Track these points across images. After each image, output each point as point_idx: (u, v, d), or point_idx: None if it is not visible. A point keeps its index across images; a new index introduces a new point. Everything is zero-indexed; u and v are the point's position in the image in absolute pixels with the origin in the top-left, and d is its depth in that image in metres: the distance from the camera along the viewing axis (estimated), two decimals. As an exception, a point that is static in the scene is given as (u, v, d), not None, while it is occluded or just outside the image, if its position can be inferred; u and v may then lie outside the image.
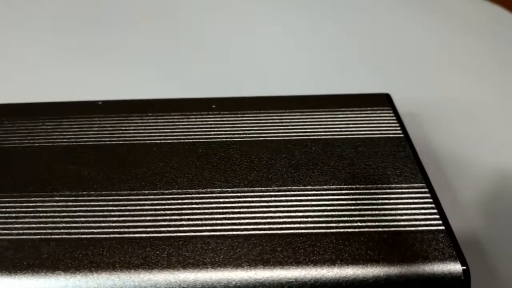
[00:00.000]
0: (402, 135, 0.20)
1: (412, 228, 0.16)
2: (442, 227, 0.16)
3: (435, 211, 0.16)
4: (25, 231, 0.16)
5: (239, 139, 0.20)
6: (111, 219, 0.16)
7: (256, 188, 0.17)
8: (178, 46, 0.31)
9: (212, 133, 0.20)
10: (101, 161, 0.19)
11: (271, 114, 0.21)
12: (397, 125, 0.20)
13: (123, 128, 0.21)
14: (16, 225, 0.16)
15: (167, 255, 0.15)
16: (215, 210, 0.17)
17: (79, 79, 0.28)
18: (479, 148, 0.22)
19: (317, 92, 0.22)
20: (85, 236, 0.16)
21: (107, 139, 0.20)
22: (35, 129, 0.21)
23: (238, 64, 0.29)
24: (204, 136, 0.20)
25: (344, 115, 0.21)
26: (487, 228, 0.19)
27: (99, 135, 0.20)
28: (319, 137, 0.20)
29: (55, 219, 0.17)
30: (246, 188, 0.17)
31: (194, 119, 0.21)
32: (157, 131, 0.20)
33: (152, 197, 0.17)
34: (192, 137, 0.20)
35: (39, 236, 0.16)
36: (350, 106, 0.21)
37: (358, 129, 0.20)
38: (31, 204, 0.17)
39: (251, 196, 0.17)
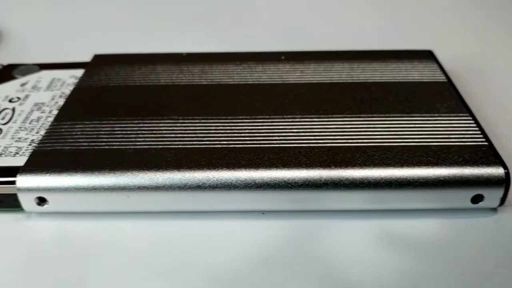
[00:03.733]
0: (446, 80, 0.24)
1: (462, 144, 0.20)
2: (486, 143, 0.20)
3: (479, 132, 0.20)
4: (146, 143, 0.20)
5: (308, 82, 0.24)
6: (216, 135, 0.20)
7: (330, 115, 0.21)
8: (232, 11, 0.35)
9: (284, 77, 0.24)
10: (197, 96, 0.23)
11: (334, 64, 0.25)
12: (441, 73, 0.24)
13: (209, 72, 0.25)
14: (137, 139, 0.20)
15: (268, 158, 0.19)
16: (300, 129, 0.20)
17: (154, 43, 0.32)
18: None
19: (364, 48, 0.26)
20: (197, 146, 0.20)
21: (197, 80, 0.24)
22: (133, 73, 0.25)
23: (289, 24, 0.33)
24: (279, 79, 0.24)
25: (396, 65, 0.25)
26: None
27: (190, 78, 0.24)
28: (376, 81, 0.24)
29: (170, 135, 0.20)
30: (323, 115, 0.21)
31: (268, 67, 0.25)
32: (239, 75, 0.24)
33: (246, 120, 0.21)
34: (269, 79, 0.24)
35: (160, 146, 0.20)
36: (399, 58, 0.25)
37: (408, 76, 0.24)
38: (146, 125, 0.21)
39: (328, 120, 0.21)
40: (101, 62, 0.26)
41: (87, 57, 0.26)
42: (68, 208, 0.19)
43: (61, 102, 0.23)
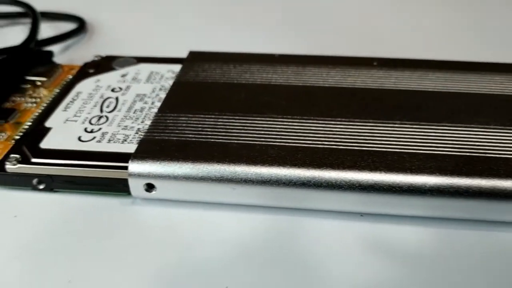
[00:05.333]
0: (546, 96, 0.23)
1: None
2: None
3: None
4: (250, 138, 0.21)
5: (403, 89, 0.24)
6: (317, 135, 0.21)
7: (430, 123, 0.21)
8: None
9: (379, 82, 0.24)
10: (293, 96, 0.23)
11: (428, 73, 0.25)
12: (540, 88, 0.24)
13: (303, 74, 0.25)
14: (240, 134, 0.21)
15: (372, 161, 0.19)
16: (401, 135, 0.21)
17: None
18: None
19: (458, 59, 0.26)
20: (299, 144, 0.20)
21: (292, 81, 0.25)
22: (229, 71, 0.25)
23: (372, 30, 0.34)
24: (374, 85, 0.24)
25: (491, 77, 0.24)
26: None
27: (285, 78, 0.25)
28: (472, 92, 0.24)
29: (271, 132, 0.21)
30: (423, 123, 0.21)
31: (361, 72, 0.25)
32: (333, 78, 0.25)
33: (345, 123, 0.21)
34: (364, 84, 0.24)
35: (263, 142, 0.20)
36: (495, 71, 0.25)
37: (505, 89, 0.24)
38: (248, 121, 0.22)
39: (428, 128, 0.21)
40: (196, 59, 0.27)
41: (167, 53, 0.27)
42: (175, 196, 0.20)
43: (162, 94, 0.24)
